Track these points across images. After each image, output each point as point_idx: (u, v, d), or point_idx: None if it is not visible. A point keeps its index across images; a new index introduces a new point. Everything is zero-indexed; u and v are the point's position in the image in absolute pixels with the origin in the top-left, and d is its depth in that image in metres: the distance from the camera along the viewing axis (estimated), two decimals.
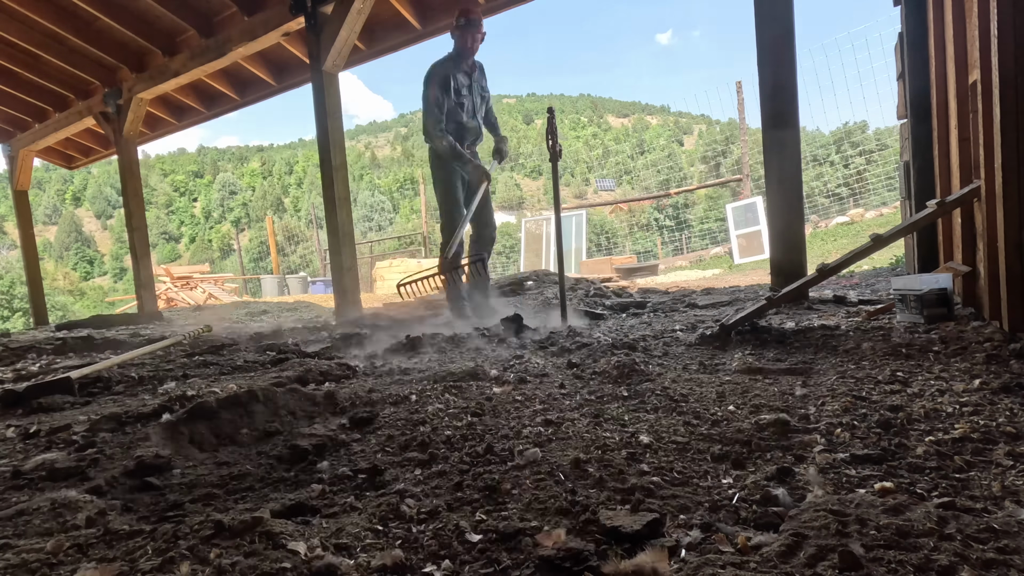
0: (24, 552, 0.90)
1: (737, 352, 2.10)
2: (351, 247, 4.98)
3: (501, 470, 1.13)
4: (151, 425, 1.64)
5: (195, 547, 0.85)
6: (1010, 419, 1.16)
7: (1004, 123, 1.69)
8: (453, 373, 2.07)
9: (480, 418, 1.51)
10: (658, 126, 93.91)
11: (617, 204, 24.93)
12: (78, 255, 71.40)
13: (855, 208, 16.38)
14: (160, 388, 2.34)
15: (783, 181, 3.23)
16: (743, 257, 12.77)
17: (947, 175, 2.67)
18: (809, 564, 0.71)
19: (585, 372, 1.98)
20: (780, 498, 0.91)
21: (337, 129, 5.00)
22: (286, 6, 4.90)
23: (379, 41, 5.50)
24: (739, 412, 1.37)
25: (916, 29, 3.04)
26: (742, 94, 14.02)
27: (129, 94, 6.52)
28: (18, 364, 3.50)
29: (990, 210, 1.88)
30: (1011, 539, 0.73)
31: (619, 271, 10.64)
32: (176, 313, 8.24)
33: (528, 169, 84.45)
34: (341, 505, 1.03)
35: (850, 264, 2.42)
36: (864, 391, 1.45)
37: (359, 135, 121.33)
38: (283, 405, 1.73)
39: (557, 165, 3.24)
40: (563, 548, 0.78)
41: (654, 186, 24.03)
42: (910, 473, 0.98)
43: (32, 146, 8.05)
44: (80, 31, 5.97)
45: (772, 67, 3.21)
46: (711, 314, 3.23)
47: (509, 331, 2.99)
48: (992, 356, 1.61)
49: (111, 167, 77.00)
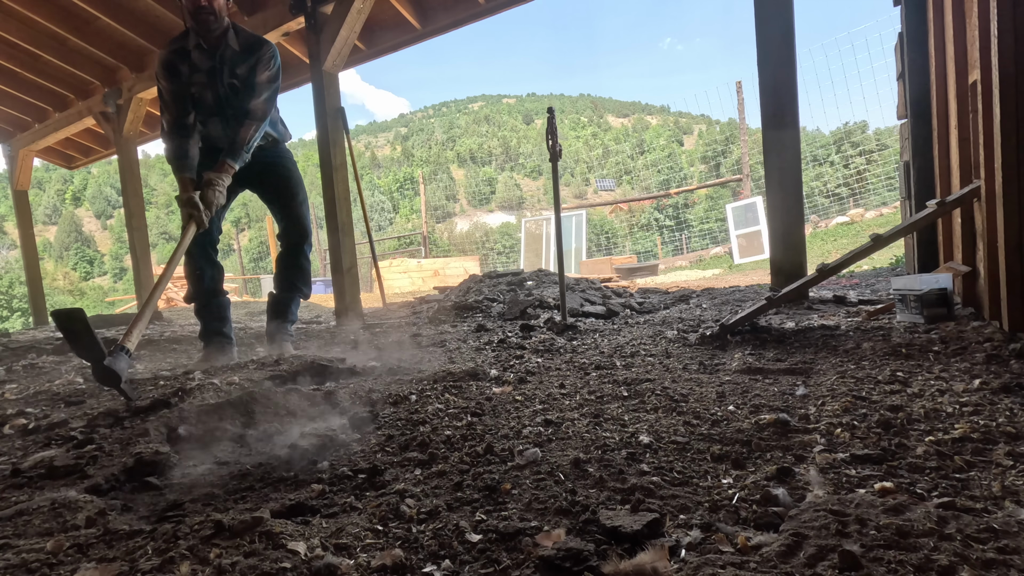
0: (24, 552, 0.90)
1: (737, 352, 2.10)
2: (351, 247, 4.98)
3: (501, 470, 1.13)
4: (149, 420, 1.64)
5: (195, 547, 0.85)
6: (1010, 419, 1.16)
7: (1004, 123, 1.69)
8: (453, 373, 2.07)
9: (480, 418, 1.51)
10: (658, 126, 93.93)
11: (617, 204, 24.94)
12: (78, 255, 71.37)
13: (855, 208, 16.40)
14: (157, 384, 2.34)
15: (783, 181, 3.23)
16: (743, 257, 12.78)
17: (947, 175, 2.67)
18: (809, 564, 0.71)
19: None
20: (780, 498, 0.91)
21: (337, 129, 5.00)
22: (286, 6, 4.89)
23: (379, 41, 5.50)
24: (739, 412, 1.38)
25: (916, 29, 3.05)
26: (742, 94, 14.03)
27: (129, 94, 6.52)
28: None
29: (990, 210, 1.88)
30: (1011, 539, 0.73)
31: (619, 271, 10.65)
32: (176, 313, 8.24)
33: (528, 169, 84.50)
34: (341, 505, 1.03)
35: (850, 264, 2.42)
36: (864, 391, 1.45)
37: (359, 135, 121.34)
38: (283, 405, 1.73)
39: (557, 165, 3.24)
40: (563, 548, 0.78)
41: (654, 186, 24.05)
42: (910, 473, 0.98)
43: (32, 146, 8.05)
44: (80, 31, 5.97)
45: (772, 67, 3.21)
46: (711, 314, 3.23)
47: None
48: (992, 356, 1.61)
49: (111, 167, 77.09)
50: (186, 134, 2.66)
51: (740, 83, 13.96)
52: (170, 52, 2.65)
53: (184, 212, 2.54)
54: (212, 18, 2.56)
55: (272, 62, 2.71)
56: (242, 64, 2.68)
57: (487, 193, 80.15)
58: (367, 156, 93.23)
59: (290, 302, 3.07)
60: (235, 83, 2.69)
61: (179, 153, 2.63)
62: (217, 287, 2.92)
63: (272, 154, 2.94)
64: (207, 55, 2.65)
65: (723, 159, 38.18)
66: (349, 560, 0.81)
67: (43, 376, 2.99)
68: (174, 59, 2.64)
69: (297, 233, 3.00)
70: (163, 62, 2.64)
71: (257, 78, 2.68)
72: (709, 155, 43.28)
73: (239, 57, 2.67)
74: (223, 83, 2.68)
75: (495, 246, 31.58)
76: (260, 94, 2.69)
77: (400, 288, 12.04)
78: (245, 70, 2.68)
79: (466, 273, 11.32)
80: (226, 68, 2.67)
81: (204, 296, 2.87)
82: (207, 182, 2.58)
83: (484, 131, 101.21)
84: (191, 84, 2.65)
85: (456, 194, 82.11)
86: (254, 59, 2.68)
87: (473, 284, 5.18)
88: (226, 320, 2.97)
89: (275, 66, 2.72)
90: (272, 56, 2.71)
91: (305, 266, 3.07)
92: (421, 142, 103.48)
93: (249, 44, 2.70)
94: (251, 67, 2.68)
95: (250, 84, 2.69)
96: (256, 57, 2.68)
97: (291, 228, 3.00)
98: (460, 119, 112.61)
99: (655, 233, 27.79)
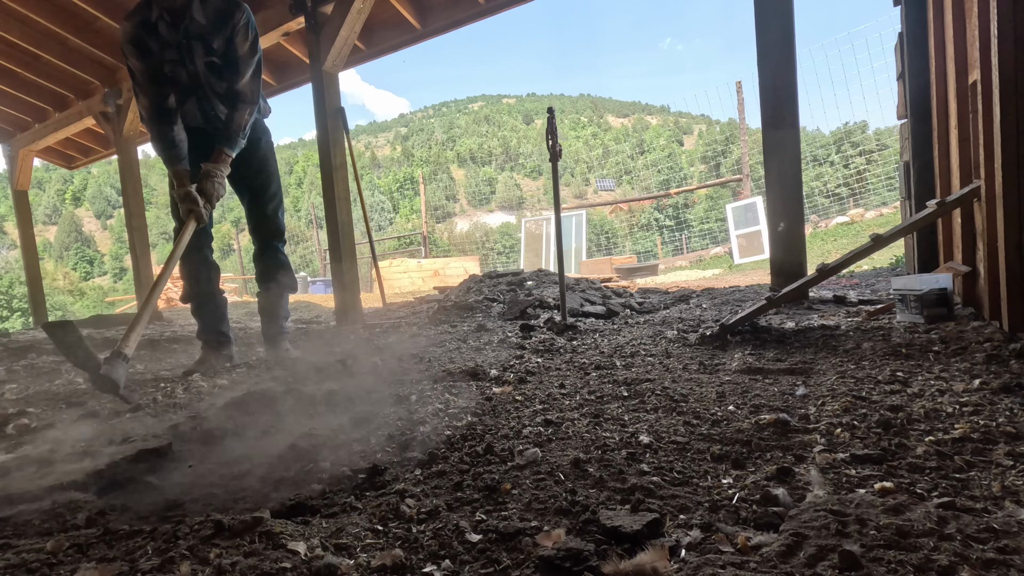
0: (24, 552, 0.90)
1: (737, 352, 2.09)
2: (351, 247, 4.98)
3: (501, 470, 1.13)
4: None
5: (195, 547, 0.85)
6: (1010, 419, 1.16)
7: (1004, 123, 1.69)
8: (453, 373, 2.07)
9: (480, 418, 1.51)
10: (658, 126, 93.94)
11: (617, 204, 24.94)
12: (78, 255, 71.37)
13: (855, 208, 16.40)
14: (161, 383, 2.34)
15: (783, 181, 3.23)
16: (743, 257, 12.77)
17: (947, 175, 2.67)
18: (809, 564, 0.71)
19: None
20: (780, 498, 0.91)
21: (337, 129, 5.00)
22: (286, 6, 4.89)
23: (379, 41, 5.50)
24: (739, 412, 1.38)
25: (916, 29, 3.05)
26: (742, 94, 14.03)
27: (129, 94, 6.51)
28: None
29: (990, 210, 1.88)
30: (1011, 539, 0.73)
31: (619, 271, 10.65)
32: (176, 313, 8.24)
33: (528, 169, 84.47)
34: (341, 505, 1.03)
35: (850, 264, 2.42)
36: (864, 391, 1.45)
37: (359, 135, 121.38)
38: (283, 405, 1.73)
39: (557, 165, 3.24)
40: (563, 548, 0.78)
41: (654, 186, 24.05)
42: (910, 473, 0.98)
43: (32, 146, 8.05)
44: (80, 31, 5.97)
45: (772, 67, 3.21)
46: (711, 314, 3.23)
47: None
48: (992, 356, 1.61)
49: (111, 167, 77.04)
50: (169, 119, 2.40)
51: (740, 83, 13.96)
52: (135, 26, 2.31)
53: (183, 207, 2.39)
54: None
55: (248, 29, 2.41)
56: (216, 37, 2.38)
57: (487, 193, 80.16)
58: (367, 156, 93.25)
59: (278, 299, 2.96)
60: (214, 60, 2.41)
61: (167, 143, 2.40)
62: (213, 287, 2.85)
63: (248, 139, 2.65)
64: (174, 28, 2.34)
65: (723, 159, 38.20)
66: (349, 560, 0.81)
67: (43, 376, 2.99)
68: (141, 33, 2.31)
69: (269, 231, 2.83)
70: (129, 37, 2.31)
71: (238, 52, 2.40)
72: (709, 155, 43.30)
73: (211, 29, 2.37)
74: (199, 61, 2.39)
75: (495, 246, 31.59)
76: (244, 71, 2.43)
77: (400, 288, 12.04)
78: (221, 43, 2.39)
79: (466, 273, 11.33)
80: (199, 43, 2.37)
81: (201, 296, 2.80)
82: (205, 174, 2.40)
83: (484, 131, 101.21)
84: (164, 62, 2.35)
85: (456, 194, 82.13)
86: (228, 29, 2.38)
87: (473, 284, 5.18)
88: (224, 319, 2.93)
89: (252, 32, 2.43)
90: (247, 22, 2.40)
91: (284, 260, 2.91)
92: (421, 142, 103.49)
93: (220, 12, 2.36)
94: (227, 39, 2.39)
95: (231, 61, 2.41)
96: (231, 26, 2.37)
97: (263, 225, 2.81)
98: (460, 119, 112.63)
99: (655, 233, 27.80)
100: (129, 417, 1.90)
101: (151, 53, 2.33)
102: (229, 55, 2.41)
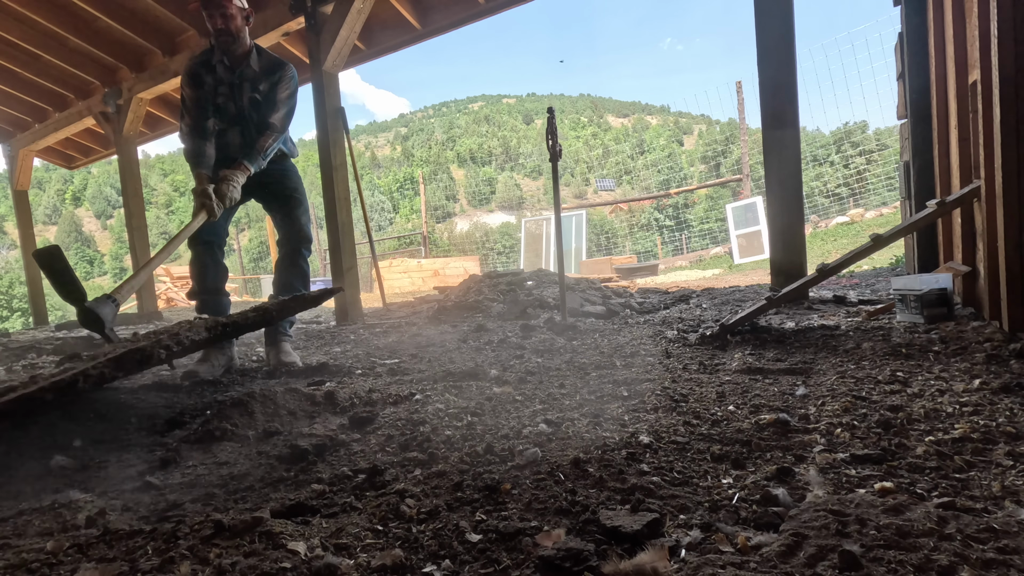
0: (24, 552, 0.90)
1: (737, 352, 2.09)
2: (351, 247, 4.98)
3: (501, 470, 1.13)
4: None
5: (195, 547, 0.85)
6: (1010, 419, 1.16)
7: (1004, 123, 1.69)
8: (453, 373, 2.07)
9: (480, 418, 1.51)
10: (658, 126, 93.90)
11: (617, 204, 24.95)
12: (78, 255, 71.35)
13: (855, 208, 16.41)
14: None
15: (783, 181, 3.23)
16: (743, 257, 12.77)
17: (947, 175, 2.67)
18: (809, 564, 0.71)
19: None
20: (780, 498, 0.91)
21: (337, 129, 5.00)
22: (286, 6, 4.90)
23: (379, 41, 5.50)
24: (739, 412, 1.38)
25: (916, 29, 3.05)
26: (742, 94, 14.03)
27: (129, 94, 6.52)
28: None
29: (990, 210, 1.88)
30: (1011, 539, 0.73)
31: (619, 271, 10.65)
32: (176, 313, 8.24)
33: (528, 169, 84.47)
34: (341, 505, 1.03)
35: (850, 264, 2.42)
36: (864, 391, 1.45)
37: (359, 135, 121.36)
38: (283, 405, 1.73)
39: (557, 165, 3.24)
40: (563, 548, 0.78)
41: (654, 186, 24.06)
42: (910, 473, 0.98)
43: (32, 146, 8.05)
44: (80, 31, 5.97)
45: (772, 67, 3.22)
46: (711, 314, 3.23)
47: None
48: (992, 356, 1.61)
49: (111, 167, 77.04)
50: (204, 136, 2.83)
51: (740, 83, 13.96)
52: (196, 63, 2.85)
53: (197, 201, 2.65)
54: (230, 39, 2.77)
55: (291, 83, 2.92)
56: (263, 82, 2.90)
57: (487, 193, 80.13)
58: (367, 156, 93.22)
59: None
60: (256, 97, 2.91)
61: (197, 152, 2.81)
62: (220, 286, 3.01)
63: (280, 168, 3.09)
64: (230, 71, 2.87)
65: (723, 159, 38.22)
66: (349, 560, 0.81)
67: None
68: (200, 70, 2.84)
69: (298, 238, 3.11)
70: (188, 71, 2.84)
71: (278, 96, 2.90)
72: (709, 155, 43.32)
73: (260, 76, 2.88)
74: (245, 96, 2.91)
75: (495, 246, 31.57)
76: (280, 109, 2.90)
77: (400, 288, 12.04)
78: (266, 87, 2.89)
79: (466, 273, 11.33)
80: (248, 84, 2.89)
81: (206, 294, 2.95)
82: (223, 177, 2.70)
83: (484, 131, 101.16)
84: (216, 95, 2.87)
85: (456, 194, 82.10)
86: (276, 78, 2.89)
87: (473, 284, 5.18)
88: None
89: (293, 86, 2.95)
90: (291, 78, 2.93)
91: (304, 268, 3.15)
92: (421, 142, 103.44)
93: (271, 65, 2.91)
94: (272, 85, 2.89)
95: (271, 100, 2.90)
96: (277, 76, 2.89)
97: (292, 234, 3.10)
98: (460, 119, 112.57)
99: (655, 233, 27.79)
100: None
101: (204, 86, 2.84)
102: (270, 96, 2.90)
